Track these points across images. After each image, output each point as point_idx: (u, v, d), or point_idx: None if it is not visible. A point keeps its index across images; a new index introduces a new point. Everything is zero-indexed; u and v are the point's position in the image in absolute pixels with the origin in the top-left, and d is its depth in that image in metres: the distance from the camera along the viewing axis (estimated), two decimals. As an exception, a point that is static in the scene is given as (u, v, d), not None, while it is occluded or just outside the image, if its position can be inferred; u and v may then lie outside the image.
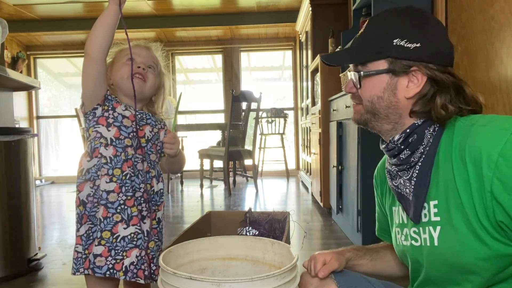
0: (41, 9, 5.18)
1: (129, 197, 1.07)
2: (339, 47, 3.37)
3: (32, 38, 5.91)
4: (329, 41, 3.77)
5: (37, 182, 5.86)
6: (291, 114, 6.15)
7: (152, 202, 1.15)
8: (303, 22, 4.68)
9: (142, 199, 1.11)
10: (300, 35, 5.26)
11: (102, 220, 1.05)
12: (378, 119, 0.86)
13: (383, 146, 0.91)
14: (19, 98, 5.81)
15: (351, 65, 0.91)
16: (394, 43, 0.80)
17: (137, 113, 1.16)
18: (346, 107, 2.49)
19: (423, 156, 0.83)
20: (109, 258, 1.03)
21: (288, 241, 1.23)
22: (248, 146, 4.59)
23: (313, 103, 3.92)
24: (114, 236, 1.04)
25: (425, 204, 0.83)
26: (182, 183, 5.11)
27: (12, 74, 2.13)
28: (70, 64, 6.45)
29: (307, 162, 4.47)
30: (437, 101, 0.80)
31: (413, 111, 0.83)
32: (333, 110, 3.01)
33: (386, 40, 0.81)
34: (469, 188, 0.74)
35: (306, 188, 4.64)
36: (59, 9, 5.19)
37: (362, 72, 0.85)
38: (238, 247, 1.06)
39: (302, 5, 4.45)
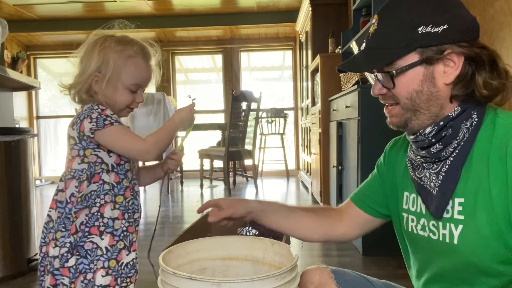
0: (41, 9, 5.18)
1: (130, 223, 1.05)
2: (339, 47, 3.37)
3: (32, 38, 5.91)
4: (329, 41, 3.77)
5: (37, 182, 5.86)
6: (291, 114, 6.15)
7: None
8: (303, 22, 4.68)
9: (138, 220, 1.09)
10: (300, 35, 5.26)
11: (109, 248, 1.01)
12: (419, 115, 0.80)
13: (412, 137, 0.84)
14: (19, 98, 5.81)
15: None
16: (420, 32, 0.75)
17: None
18: (346, 107, 2.49)
19: (456, 151, 0.78)
20: (116, 287, 1.02)
21: (288, 241, 1.23)
22: (248, 146, 4.59)
23: (313, 103, 3.92)
24: (119, 264, 1.02)
25: (450, 201, 0.78)
26: (182, 183, 5.11)
27: (12, 74, 2.13)
28: (70, 64, 6.42)
29: (307, 162, 4.47)
30: (477, 79, 0.75)
31: (454, 95, 0.77)
32: (333, 110, 3.01)
33: (409, 31, 0.75)
34: (505, 190, 0.71)
35: (306, 188, 4.64)
36: (59, 9, 5.19)
37: (394, 71, 0.78)
38: (238, 247, 1.06)
39: (302, 5, 4.45)
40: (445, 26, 0.74)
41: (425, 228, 0.85)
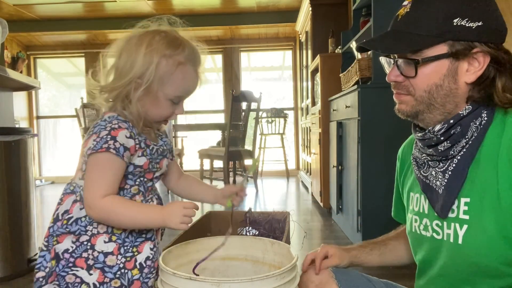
0: (41, 9, 5.18)
1: (128, 258, 0.86)
2: (339, 47, 3.37)
3: (32, 38, 5.91)
4: (329, 41, 3.77)
5: (37, 182, 5.85)
6: (291, 114, 6.15)
7: None
8: (303, 22, 4.68)
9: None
10: (300, 35, 5.26)
11: (98, 286, 0.84)
12: (432, 110, 0.77)
13: (420, 134, 0.82)
14: (19, 98, 5.81)
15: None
16: (455, 23, 0.72)
17: (154, 152, 0.92)
18: (346, 107, 2.49)
19: (464, 149, 0.76)
20: None
21: (288, 241, 1.23)
22: (248, 146, 4.59)
23: (313, 103, 3.92)
24: None
25: (455, 200, 0.77)
26: (182, 183, 5.09)
27: (12, 74, 2.13)
28: (70, 64, 6.45)
29: (307, 162, 4.47)
30: (497, 84, 0.73)
31: (471, 96, 0.75)
32: (333, 110, 3.01)
33: (445, 20, 0.72)
34: None
35: (306, 188, 4.63)
36: (59, 9, 5.19)
37: (420, 59, 0.74)
38: (238, 247, 1.06)
39: (302, 5, 4.45)
40: (480, 23, 0.72)
41: (427, 228, 0.84)
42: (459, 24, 0.72)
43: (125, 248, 0.86)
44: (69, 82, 6.67)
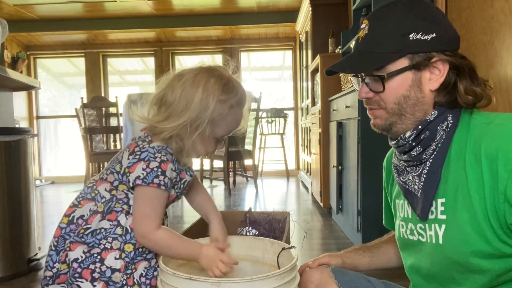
0: (41, 9, 5.18)
1: (128, 275, 0.89)
2: (339, 47, 3.37)
3: (32, 38, 5.91)
4: (329, 41, 3.77)
5: (37, 182, 5.86)
6: (291, 114, 6.15)
7: None
8: (303, 22, 4.68)
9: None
10: (300, 35, 5.26)
11: None
12: (404, 120, 0.82)
13: (393, 142, 0.87)
14: (19, 98, 5.81)
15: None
16: (411, 38, 0.78)
17: (183, 185, 0.97)
18: (346, 107, 2.49)
19: (435, 153, 0.81)
20: None
21: (288, 241, 1.23)
22: (248, 146, 4.59)
23: (313, 103, 3.92)
24: None
25: (433, 202, 0.81)
26: (182, 183, 5.10)
27: (12, 74, 2.13)
28: (70, 64, 6.45)
29: (307, 162, 4.47)
30: (459, 87, 0.79)
31: (437, 102, 0.81)
32: (333, 110, 3.01)
33: (401, 37, 0.78)
34: (482, 188, 0.73)
35: (306, 188, 4.63)
36: (59, 9, 5.19)
37: (385, 75, 0.80)
38: (238, 247, 1.06)
39: (302, 5, 4.45)
40: (434, 35, 0.78)
41: (413, 232, 0.88)
42: (415, 38, 0.78)
43: (130, 267, 0.89)
44: (69, 82, 6.66)
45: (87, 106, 4.75)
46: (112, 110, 5.06)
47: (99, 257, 0.86)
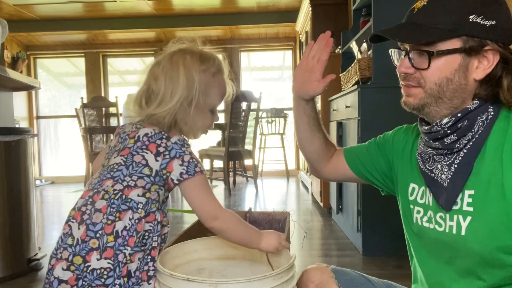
0: (41, 9, 5.18)
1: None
2: (339, 47, 3.36)
3: (32, 38, 5.91)
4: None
5: (37, 182, 5.86)
6: (291, 114, 6.15)
7: None
8: (303, 22, 4.68)
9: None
10: (300, 35, 5.26)
11: None
12: (440, 103, 0.79)
13: (426, 128, 0.83)
14: (19, 98, 5.81)
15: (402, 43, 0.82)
16: (471, 20, 0.74)
17: None
18: (346, 107, 2.49)
19: (470, 143, 0.78)
20: None
21: (288, 241, 1.23)
22: (248, 146, 4.59)
23: (313, 103, 3.92)
24: None
25: (460, 193, 0.79)
26: (182, 183, 5.10)
27: (12, 74, 2.13)
28: (70, 64, 6.45)
29: (307, 162, 4.47)
30: (503, 83, 0.76)
31: (478, 94, 0.78)
32: (333, 110, 3.01)
33: (461, 16, 0.74)
34: None
35: (306, 188, 4.63)
36: (59, 9, 5.19)
37: (435, 51, 0.76)
38: (236, 247, 1.06)
39: (302, 5, 4.45)
40: (493, 22, 0.74)
41: (431, 220, 0.85)
42: (474, 20, 0.74)
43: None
44: (69, 82, 6.67)
45: (87, 106, 4.75)
46: (112, 110, 5.07)
47: (149, 257, 0.90)
